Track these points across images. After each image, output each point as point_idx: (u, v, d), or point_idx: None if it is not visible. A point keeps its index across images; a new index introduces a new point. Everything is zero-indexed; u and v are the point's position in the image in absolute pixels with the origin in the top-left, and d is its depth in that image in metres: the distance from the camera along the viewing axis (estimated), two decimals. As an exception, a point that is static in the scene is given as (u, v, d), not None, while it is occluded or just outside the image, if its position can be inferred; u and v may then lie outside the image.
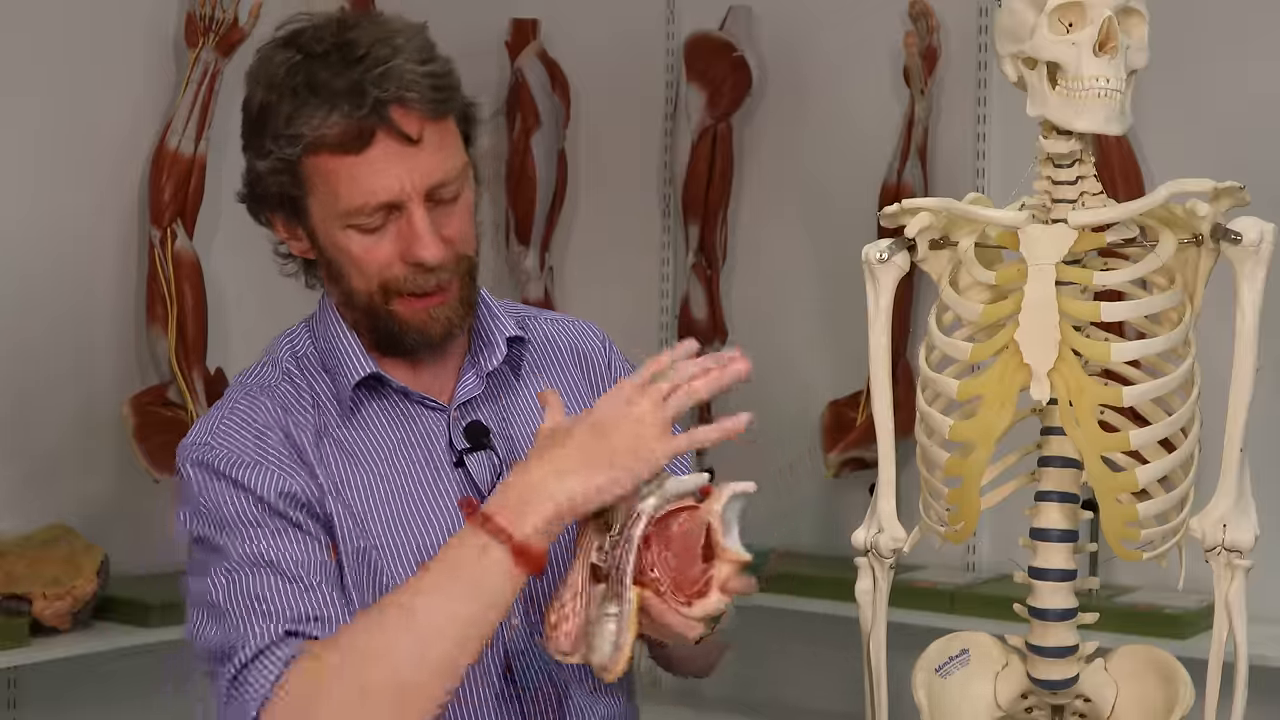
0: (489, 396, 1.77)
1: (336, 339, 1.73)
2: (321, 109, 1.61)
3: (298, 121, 1.62)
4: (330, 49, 1.63)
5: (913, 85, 3.56)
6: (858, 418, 3.59)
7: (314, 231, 1.69)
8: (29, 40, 3.26)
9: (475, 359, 1.77)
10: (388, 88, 1.61)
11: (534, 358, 1.83)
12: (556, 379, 1.84)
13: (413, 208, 1.64)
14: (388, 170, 1.63)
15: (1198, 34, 3.26)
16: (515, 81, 3.95)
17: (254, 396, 1.71)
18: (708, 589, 1.53)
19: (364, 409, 1.73)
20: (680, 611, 1.53)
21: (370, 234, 1.65)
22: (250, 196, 1.72)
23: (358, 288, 1.69)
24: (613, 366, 1.89)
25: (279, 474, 1.64)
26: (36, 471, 3.26)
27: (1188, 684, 1.89)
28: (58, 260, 3.30)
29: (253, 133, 1.68)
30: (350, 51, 1.62)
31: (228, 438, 1.67)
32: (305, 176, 1.65)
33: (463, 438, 1.73)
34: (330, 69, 1.62)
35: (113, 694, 3.31)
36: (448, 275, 1.68)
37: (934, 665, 1.99)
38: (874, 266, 1.97)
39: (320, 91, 1.62)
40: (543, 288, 3.99)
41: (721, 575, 1.53)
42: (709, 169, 3.85)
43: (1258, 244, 1.82)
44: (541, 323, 1.88)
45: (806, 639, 3.72)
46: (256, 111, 1.67)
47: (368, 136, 1.61)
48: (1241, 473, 1.86)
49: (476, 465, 1.73)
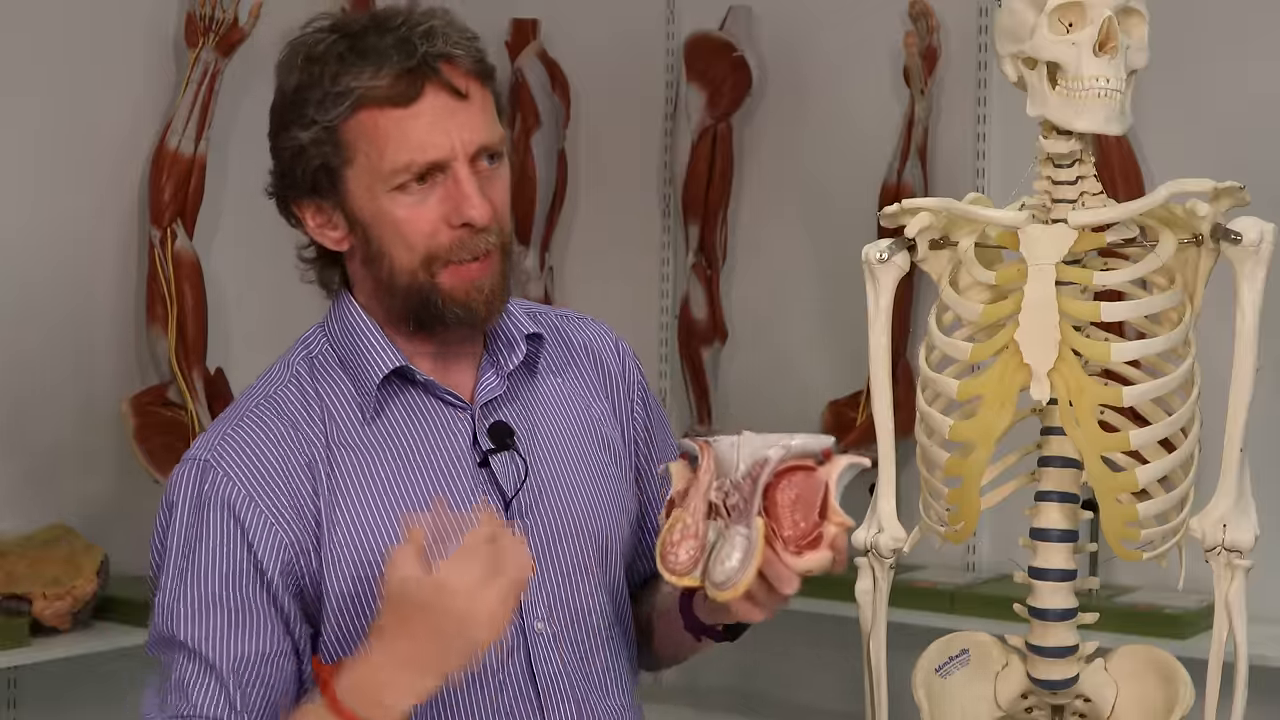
0: (510, 395, 1.76)
1: (359, 335, 1.71)
2: (370, 65, 1.62)
3: (346, 78, 1.63)
4: (367, 24, 1.65)
5: (913, 85, 3.56)
6: (858, 418, 3.59)
7: (353, 208, 1.67)
8: (29, 40, 3.26)
9: (495, 358, 1.76)
10: (435, 43, 1.63)
11: (550, 356, 1.82)
12: (573, 376, 1.83)
13: (458, 167, 1.64)
14: (437, 125, 1.63)
15: (1198, 34, 3.26)
16: (515, 81, 3.95)
17: (261, 413, 1.69)
18: (817, 544, 1.58)
19: (387, 407, 1.71)
20: (786, 561, 1.58)
21: (412, 196, 1.64)
22: (282, 184, 1.70)
23: (401, 264, 1.67)
24: (625, 364, 1.88)
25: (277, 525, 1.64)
26: (36, 471, 3.27)
27: (1188, 684, 1.89)
28: (57, 261, 3.30)
29: (290, 110, 1.67)
30: (389, 20, 1.64)
31: (229, 459, 1.66)
32: (348, 141, 1.64)
33: (488, 438, 1.72)
34: (374, 34, 1.64)
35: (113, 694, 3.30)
36: (494, 241, 1.67)
37: (934, 665, 1.99)
38: (874, 266, 1.97)
39: (368, 53, 1.63)
40: (543, 288, 3.99)
41: (830, 534, 1.58)
42: (709, 169, 3.84)
43: (1258, 244, 1.82)
44: (554, 319, 1.87)
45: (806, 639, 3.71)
46: (294, 89, 1.66)
47: (418, 89, 1.62)
48: (1241, 473, 1.86)
49: (500, 466, 1.72)
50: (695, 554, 1.60)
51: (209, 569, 1.63)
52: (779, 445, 1.60)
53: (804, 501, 1.59)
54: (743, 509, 1.58)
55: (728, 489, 1.60)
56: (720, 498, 1.61)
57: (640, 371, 1.90)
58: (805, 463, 1.61)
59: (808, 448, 1.61)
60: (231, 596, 1.63)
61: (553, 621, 1.71)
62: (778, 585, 1.58)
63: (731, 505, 1.60)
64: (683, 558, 1.60)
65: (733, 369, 3.92)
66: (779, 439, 1.60)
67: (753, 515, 1.57)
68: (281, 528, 1.64)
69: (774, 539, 1.58)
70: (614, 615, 1.78)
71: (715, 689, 3.92)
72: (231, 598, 1.63)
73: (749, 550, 1.57)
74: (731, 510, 1.60)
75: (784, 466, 1.60)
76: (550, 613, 1.71)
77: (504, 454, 1.72)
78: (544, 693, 1.70)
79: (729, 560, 1.57)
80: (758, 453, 1.60)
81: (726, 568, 1.57)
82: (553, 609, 1.72)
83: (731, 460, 1.61)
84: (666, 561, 1.61)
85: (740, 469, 1.60)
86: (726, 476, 1.61)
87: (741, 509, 1.59)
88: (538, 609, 1.70)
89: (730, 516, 1.60)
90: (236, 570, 1.63)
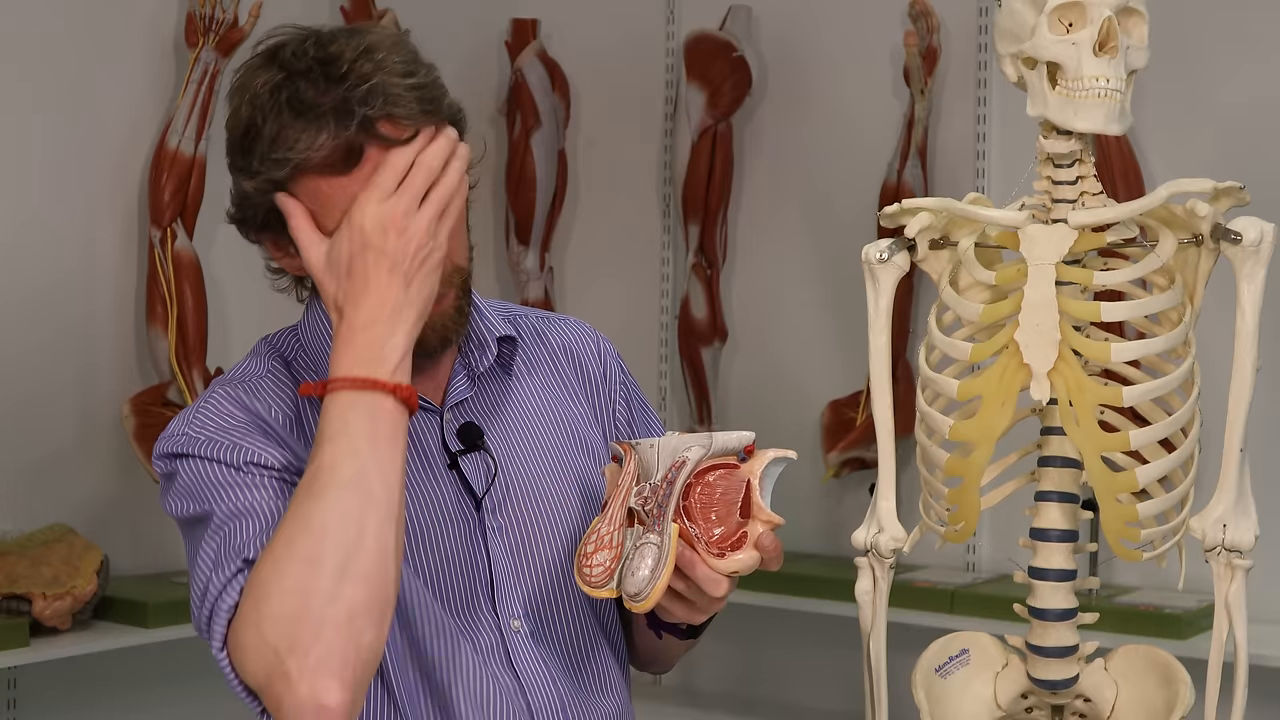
0: (480, 396, 1.77)
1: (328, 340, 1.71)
2: (309, 130, 1.59)
3: (283, 144, 1.60)
4: (312, 65, 1.60)
5: (913, 85, 3.56)
6: (858, 418, 3.59)
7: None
8: (29, 40, 3.26)
9: (466, 360, 1.77)
10: (374, 104, 1.58)
11: (525, 356, 1.83)
12: (549, 376, 1.84)
13: None
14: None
15: (1198, 34, 3.26)
16: (515, 81, 3.95)
17: (230, 390, 1.70)
18: (741, 544, 1.56)
19: None
20: (710, 564, 1.55)
21: None
22: (239, 218, 1.71)
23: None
24: (606, 364, 1.88)
25: (252, 449, 1.63)
26: (36, 471, 3.27)
27: (1188, 684, 1.89)
28: (57, 261, 3.30)
29: (238, 153, 1.66)
30: (333, 68, 1.59)
31: (201, 428, 1.66)
32: (293, 194, 1.63)
33: (456, 439, 1.73)
34: (315, 87, 1.59)
35: (113, 694, 3.31)
36: (443, 289, 1.65)
37: (934, 665, 1.99)
38: (874, 266, 1.97)
39: (306, 112, 1.59)
40: (543, 288, 3.99)
41: (755, 533, 1.56)
42: (709, 169, 3.85)
43: (1258, 244, 1.82)
44: (532, 320, 1.88)
45: (806, 639, 3.72)
46: (242, 132, 1.64)
47: (357, 155, 1.59)
48: (1241, 473, 1.86)
49: (470, 467, 1.73)
50: (609, 564, 1.56)
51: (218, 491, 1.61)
52: (696, 445, 1.57)
53: (725, 501, 1.56)
54: (657, 515, 1.55)
55: (646, 493, 1.57)
56: (639, 503, 1.57)
57: (625, 372, 1.90)
58: (728, 460, 1.58)
59: (726, 445, 1.58)
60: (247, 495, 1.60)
61: (530, 619, 1.72)
62: (705, 587, 1.56)
63: (649, 511, 1.56)
64: (596, 570, 1.57)
65: (733, 369, 3.92)
66: (698, 438, 1.57)
67: (666, 520, 1.54)
68: (265, 452, 1.63)
69: (695, 541, 1.55)
70: (594, 614, 1.78)
71: (715, 689, 3.93)
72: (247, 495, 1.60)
73: (659, 559, 1.53)
74: (649, 516, 1.56)
75: (705, 466, 1.57)
76: (527, 611, 1.72)
77: (474, 454, 1.73)
78: (529, 690, 1.70)
79: (640, 570, 1.54)
80: (676, 453, 1.57)
81: (638, 578, 1.54)
82: (529, 607, 1.72)
83: (652, 462, 1.58)
84: (581, 573, 1.58)
85: (659, 472, 1.57)
86: (647, 480, 1.58)
87: (656, 515, 1.55)
88: (514, 607, 1.71)
89: (648, 524, 1.56)
90: (239, 475, 1.61)
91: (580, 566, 1.58)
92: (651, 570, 1.54)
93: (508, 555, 1.71)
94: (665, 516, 1.55)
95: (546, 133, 3.96)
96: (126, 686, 3.29)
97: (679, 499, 1.56)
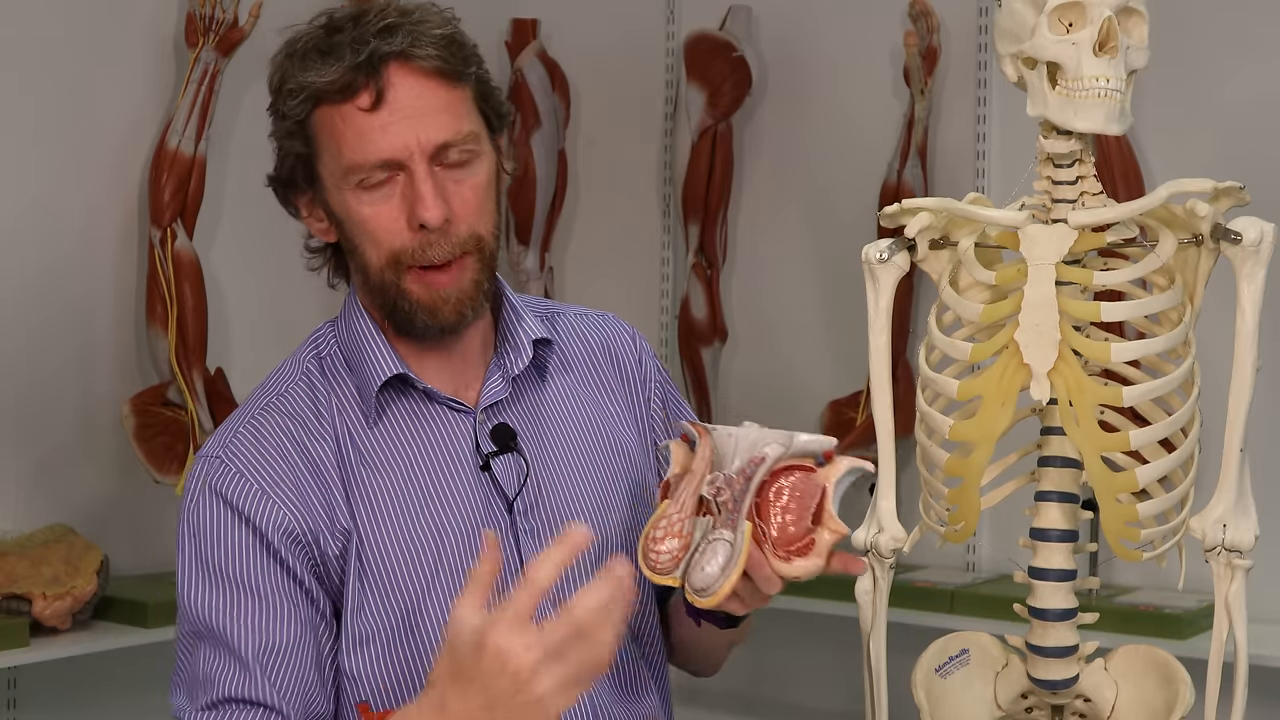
0: (515, 398, 1.77)
1: (362, 337, 1.73)
2: (327, 61, 1.64)
3: (304, 75, 1.65)
4: (349, 19, 1.66)
5: (913, 85, 3.56)
6: (858, 418, 3.59)
7: (328, 201, 1.69)
8: (29, 40, 3.26)
9: (501, 361, 1.76)
10: (392, 40, 1.63)
11: (560, 357, 1.82)
12: (585, 377, 1.84)
13: (415, 166, 1.64)
14: (390, 126, 1.63)
15: (1198, 34, 3.26)
16: (515, 81, 3.95)
17: (270, 411, 1.71)
18: (807, 550, 1.52)
19: (388, 412, 1.72)
20: (775, 567, 1.52)
21: (376, 194, 1.65)
22: (276, 176, 1.73)
23: (370, 261, 1.68)
24: (643, 363, 1.89)
25: (282, 509, 1.65)
26: (36, 471, 3.26)
27: (1188, 684, 1.89)
28: (58, 260, 3.30)
29: (273, 102, 1.70)
30: (365, 16, 1.65)
31: (239, 456, 1.67)
32: (314, 136, 1.67)
33: (489, 441, 1.72)
34: (343, 32, 1.65)
35: (113, 694, 3.31)
36: (456, 249, 1.66)
37: (934, 665, 1.99)
38: (874, 266, 1.97)
39: (330, 49, 1.64)
40: (543, 288, 3.99)
41: (824, 541, 1.53)
42: (709, 169, 3.84)
43: (1258, 244, 1.82)
44: (569, 318, 1.88)
45: (806, 639, 3.72)
46: (275, 83, 1.69)
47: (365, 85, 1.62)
48: (1241, 473, 1.86)
49: (502, 468, 1.72)
50: (677, 552, 1.54)
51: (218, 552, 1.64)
52: (777, 442, 1.53)
53: (799, 504, 1.52)
54: (732, 509, 1.52)
55: (720, 484, 1.54)
56: (712, 493, 1.54)
57: (659, 369, 1.91)
58: (805, 463, 1.55)
59: (808, 447, 1.55)
60: (244, 577, 1.63)
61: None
62: (762, 587, 1.55)
63: (722, 503, 1.53)
64: (664, 556, 1.55)
65: (733, 369, 3.92)
66: (778, 435, 1.54)
67: (741, 518, 1.51)
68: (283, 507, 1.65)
69: (763, 541, 1.52)
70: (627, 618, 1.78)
71: (716, 689, 3.92)
72: (245, 578, 1.63)
73: (730, 559, 1.51)
74: (721, 508, 1.53)
75: (781, 465, 1.54)
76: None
77: (506, 456, 1.72)
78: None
79: (709, 566, 1.51)
80: (755, 447, 1.54)
81: (706, 574, 1.52)
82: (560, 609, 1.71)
83: (728, 452, 1.55)
84: (647, 558, 1.56)
85: (735, 463, 1.54)
86: (721, 470, 1.55)
87: (730, 509, 1.52)
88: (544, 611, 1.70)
89: (719, 515, 1.53)
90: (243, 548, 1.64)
91: (646, 550, 1.56)
92: (721, 569, 1.51)
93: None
94: (740, 514, 1.51)
95: (546, 133, 3.96)
96: (126, 687, 3.28)
97: (754, 496, 1.53)
